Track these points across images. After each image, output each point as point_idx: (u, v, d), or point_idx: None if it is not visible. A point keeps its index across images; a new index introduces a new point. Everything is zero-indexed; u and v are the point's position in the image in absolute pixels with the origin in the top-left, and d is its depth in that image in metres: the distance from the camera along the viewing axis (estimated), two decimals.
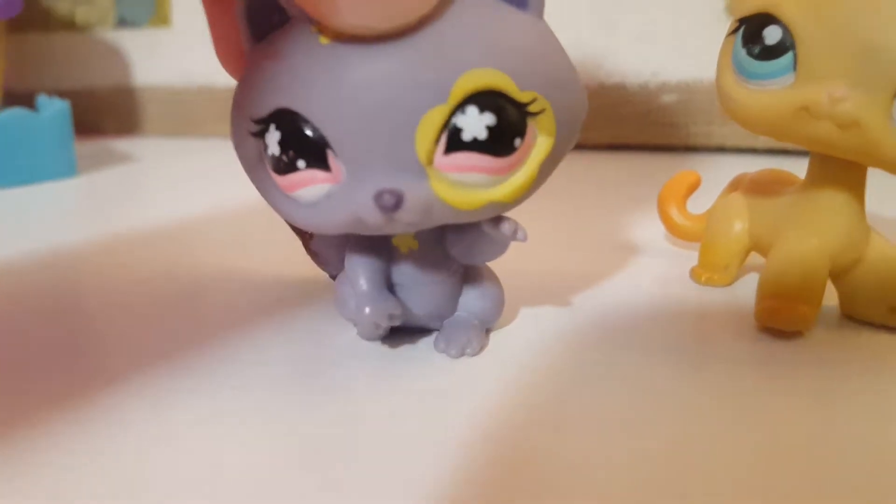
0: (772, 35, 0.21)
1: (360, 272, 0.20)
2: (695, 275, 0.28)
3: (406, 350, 0.22)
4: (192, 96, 0.69)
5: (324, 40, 0.17)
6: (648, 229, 0.34)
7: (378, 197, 0.17)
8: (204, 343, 0.23)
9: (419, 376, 0.20)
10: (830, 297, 0.24)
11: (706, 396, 0.19)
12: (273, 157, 0.18)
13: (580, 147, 0.20)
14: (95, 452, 0.17)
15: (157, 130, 0.73)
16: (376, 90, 0.17)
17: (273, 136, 0.18)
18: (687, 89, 0.54)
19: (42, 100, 0.54)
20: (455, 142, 0.17)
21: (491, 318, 0.22)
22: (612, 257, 0.31)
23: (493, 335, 0.23)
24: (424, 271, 0.21)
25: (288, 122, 0.18)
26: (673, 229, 0.31)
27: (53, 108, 0.51)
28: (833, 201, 0.23)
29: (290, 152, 0.18)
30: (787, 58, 0.20)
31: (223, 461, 0.16)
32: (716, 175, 0.32)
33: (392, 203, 0.17)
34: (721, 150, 0.55)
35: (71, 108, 0.53)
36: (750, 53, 0.21)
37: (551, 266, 0.29)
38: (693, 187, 0.31)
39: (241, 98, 0.19)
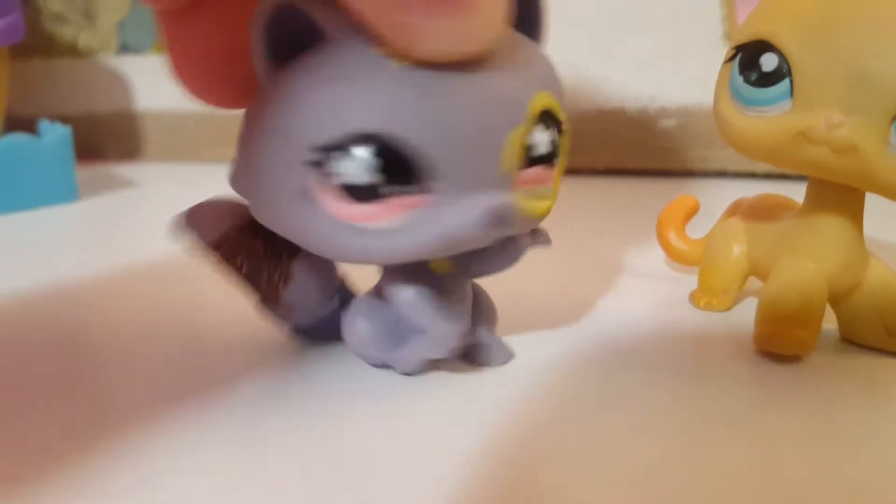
0: (768, 62, 0.21)
1: (417, 301, 0.20)
2: (694, 299, 0.28)
3: (407, 377, 0.22)
4: (194, 121, 0.69)
5: (397, 63, 0.17)
6: (648, 253, 0.34)
7: (491, 212, 0.17)
8: (208, 375, 0.23)
9: (424, 397, 0.21)
10: (830, 320, 0.24)
11: (706, 418, 0.19)
12: (351, 185, 0.17)
13: (579, 172, 0.21)
14: (104, 493, 0.17)
15: (159, 155, 0.73)
16: (473, 110, 0.17)
17: (353, 162, 0.17)
18: (686, 114, 0.54)
19: (44, 125, 0.54)
20: (530, 157, 0.18)
21: (495, 325, 0.23)
22: (611, 281, 0.31)
23: None
24: (456, 292, 0.21)
25: (377, 145, 0.17)
26: (672, 254, 0.31)
27: (55, 134, 0.51)
28: (831, 226, 0.23)
29: (382, 176, 0.17)
30: (783, 84, 0.21)
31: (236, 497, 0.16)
32: (715, 199, 0.32)
33: (506, 216, 0.17)
34: (720, 174, 0.55)
35: (73, 134, 0.53)
36: (747, 80, 0.22)
37: (551, 289, 0.30)
38: (691, 212, 0.31)
39: (287, 125, 0.17)
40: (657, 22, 0.55)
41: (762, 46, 0.21)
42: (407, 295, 0.20)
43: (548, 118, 0.19)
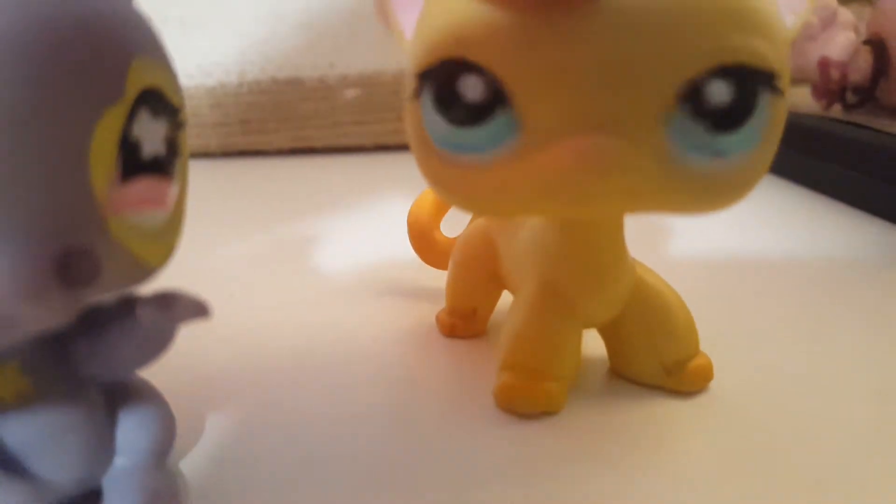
0: (472, 88, 0.14)
1: None
2: (441, 323, 0.23)
3: None
4: None
5: None
6: (338, 242, 0.28)
7: (63, 263, 0.10)
8: None
9: None
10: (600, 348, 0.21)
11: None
12: None
13: (259, 153, 0.14)
14: None
15: None
16: (22, 77, 0.10)
17: None
18: (370, 82, 0.50)
19: None
20: (133, 162, 0.12)
21: (167, 444, 0.16)
22: (345, 300, 0.26)
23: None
24: (54, 420, 0.14)
25: None
26: (428, 260, 0.26)
27: None
28: (585, 241, 0.18)
29: None
30: (503, 116, 0.14)
31: None
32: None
33: (87, 269, 0.10)
34: None
35: None
36: (449, 120, 0.14)
37: (265, 321, 0.23)
38: (445, 205, 0.25)
39: None
40: None
41: (456, 67, 0.14)
42: None
43: (155, 101, 0.12)
